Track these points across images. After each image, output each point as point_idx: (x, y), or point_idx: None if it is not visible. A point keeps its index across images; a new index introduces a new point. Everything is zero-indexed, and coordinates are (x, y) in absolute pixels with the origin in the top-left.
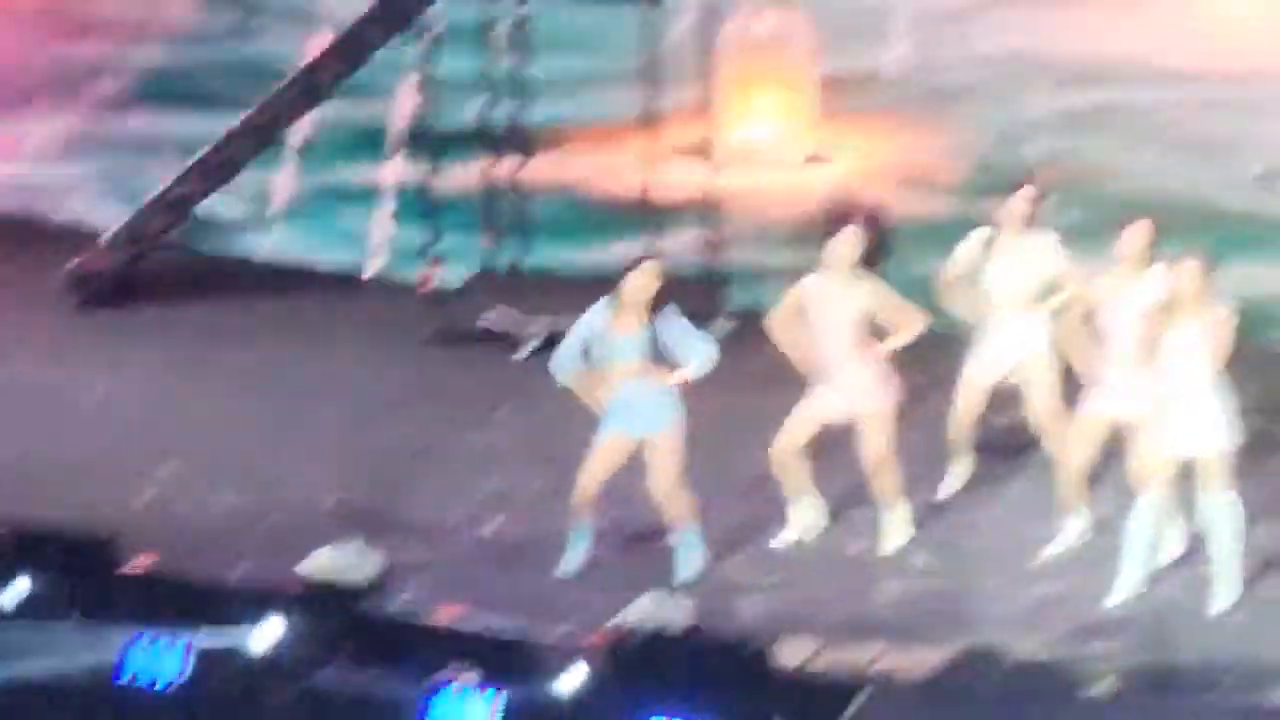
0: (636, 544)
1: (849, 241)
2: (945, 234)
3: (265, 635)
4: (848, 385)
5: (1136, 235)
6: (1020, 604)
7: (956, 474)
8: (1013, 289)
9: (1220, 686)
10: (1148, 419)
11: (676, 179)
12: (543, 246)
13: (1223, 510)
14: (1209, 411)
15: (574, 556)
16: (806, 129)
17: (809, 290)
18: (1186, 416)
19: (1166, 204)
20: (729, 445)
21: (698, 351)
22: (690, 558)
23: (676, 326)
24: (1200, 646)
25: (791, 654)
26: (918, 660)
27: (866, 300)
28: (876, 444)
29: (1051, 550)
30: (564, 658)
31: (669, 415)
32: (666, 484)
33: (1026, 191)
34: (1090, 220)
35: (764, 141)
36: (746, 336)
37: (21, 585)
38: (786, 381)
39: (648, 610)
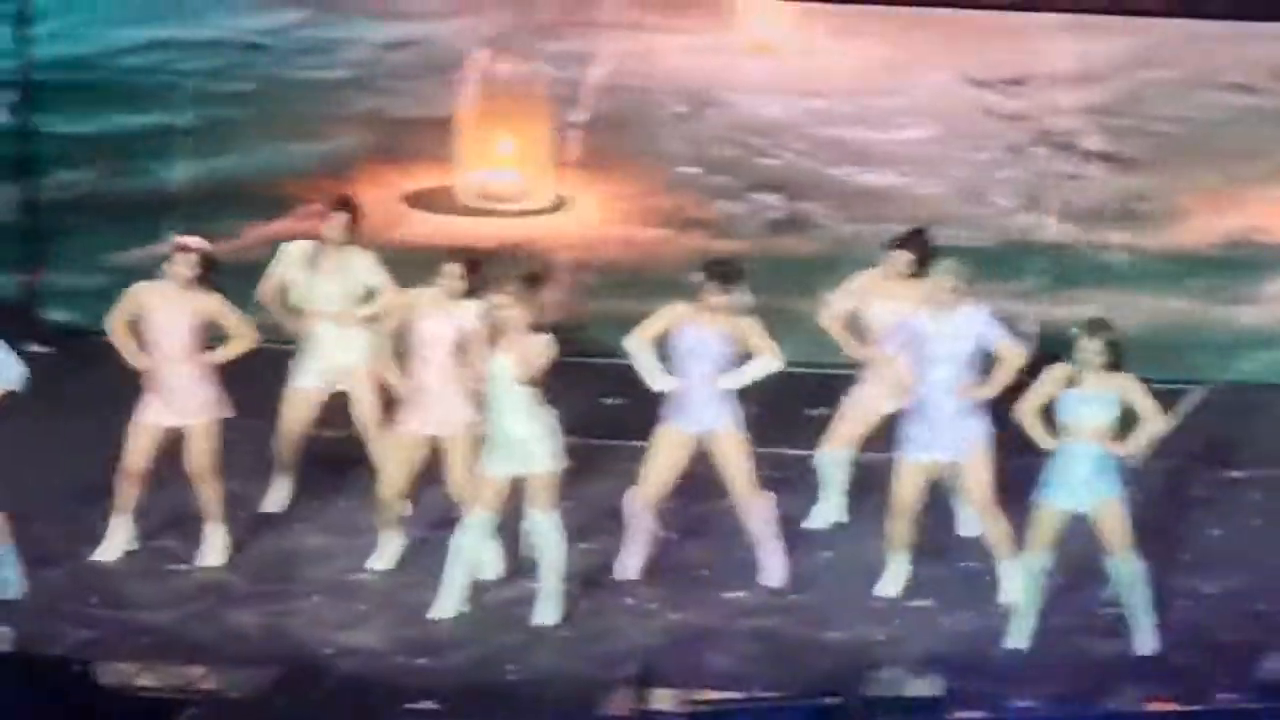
0: None
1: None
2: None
3: None
4: (176, 394)
5: (453, 271)
6: (343, 620)
7: (280, 488)
8: (333, 300)
9: (545, 700)
10: (460, 439)
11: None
12: None
13: (547, 528)
14: (534, 433)
15: None
16: (547, 173)
17: (144, 297)
18: (508, 435)
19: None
20: (49, 464)
21: (5, 375)
22: (7, 576)
23: None
24: (525, 662)
25: (113, 674)
26: (241, 679)
27: (200, 310)
28: (200, 456)
29: (373, 564)
30: None
31: None
32: None
33: (338, 217)
34: None
35: (506, 187)
36: (68, 358)
37: None
38: (112, 402)
39: None
